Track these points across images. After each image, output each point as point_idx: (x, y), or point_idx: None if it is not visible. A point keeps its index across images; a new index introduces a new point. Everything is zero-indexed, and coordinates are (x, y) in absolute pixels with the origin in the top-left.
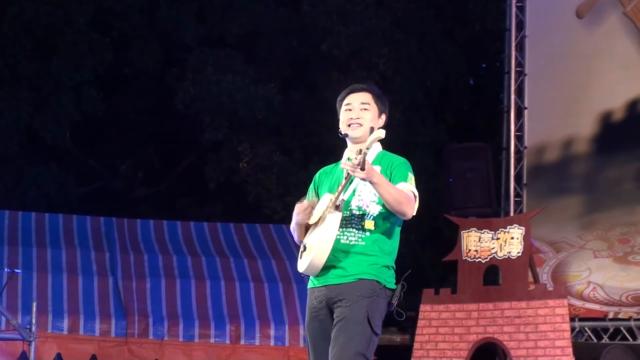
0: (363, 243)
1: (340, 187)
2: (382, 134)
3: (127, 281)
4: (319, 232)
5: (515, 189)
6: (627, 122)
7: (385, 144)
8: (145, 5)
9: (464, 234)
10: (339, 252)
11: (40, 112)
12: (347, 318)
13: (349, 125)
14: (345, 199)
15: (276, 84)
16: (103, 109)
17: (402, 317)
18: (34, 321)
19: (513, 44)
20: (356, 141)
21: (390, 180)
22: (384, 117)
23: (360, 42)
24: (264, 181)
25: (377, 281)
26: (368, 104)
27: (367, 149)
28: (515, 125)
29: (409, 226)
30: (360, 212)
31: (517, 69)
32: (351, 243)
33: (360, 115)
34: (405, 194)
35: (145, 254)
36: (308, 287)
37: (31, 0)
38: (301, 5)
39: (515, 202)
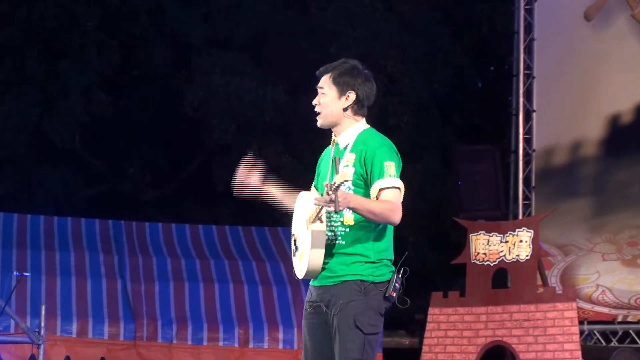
0: (344, 242)
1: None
2: (348, 176)
3: (136, 284)
4: (308, 246)
5: (523, 191)
6: (636, 125)
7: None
8: (153, 7)
9: (473, 237)
10: (325, 254)
11: (48, 114)
12: (337, 328)
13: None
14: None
15: (284, 86)
16: (111, 111)
17: (406, 305)
18: (42, 324)
19: (521, 47)
20: (325, 127)
21: (368, 177)
22: (352, 95)
23: (368, 45)
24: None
25: (361, 280)
26: (322, 87)
27: (337, 188)
28: (524, 128)
29: (417, 229)
30: None
31: (526, 71)
32: (332, 243)
33: (317, 103)
34: (388, 205)
35: (154, 257)
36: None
37: (39, 2)
38: (309, 7)
39: (523, 205)
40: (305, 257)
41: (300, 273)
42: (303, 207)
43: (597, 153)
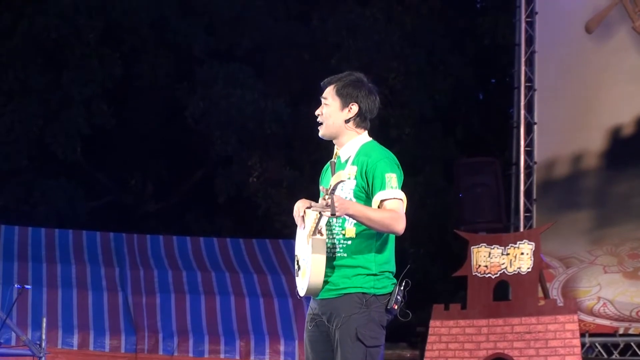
0: (345, 254)
1: (317, 215)
2: (343, 177)
3: (137, 297)
4: (309, 257)
5: (525, 204)
6: (637, 137)
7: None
8: (155, 19)
9: (474, 249)
10: (326, 267)
11: (50, 126)
12: (339, 341)
13: None
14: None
15: (285, 98)
16: (113, 123)
17: (408, 317)
18: (44, 337)
19: (522, 59)
20: (327, 138)
21: (370, 189)
22: (354, 107)
23: (370, 56)
24: (274, 195)
25: (363, 292)
26: (325, 98)
27: (333, 190)
28: (525, 140)
29: (418, 241)
30: (340, 219)
31: (527, 84)
32: (334, 256)
33: (320, 113)
34: (389, 213)
35: (155, 269)
36: None
37: (41, 14)
38: (311, 19)
39: (525, 217)
40: (307, 269)
41: (302, 290)
42: (308, 223)
43: (598, 165)
